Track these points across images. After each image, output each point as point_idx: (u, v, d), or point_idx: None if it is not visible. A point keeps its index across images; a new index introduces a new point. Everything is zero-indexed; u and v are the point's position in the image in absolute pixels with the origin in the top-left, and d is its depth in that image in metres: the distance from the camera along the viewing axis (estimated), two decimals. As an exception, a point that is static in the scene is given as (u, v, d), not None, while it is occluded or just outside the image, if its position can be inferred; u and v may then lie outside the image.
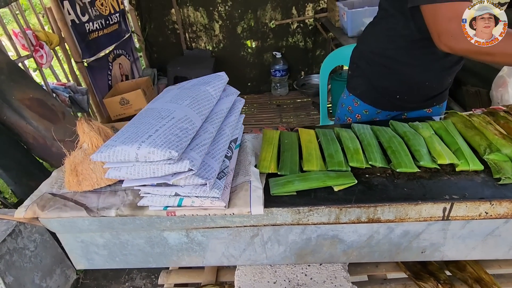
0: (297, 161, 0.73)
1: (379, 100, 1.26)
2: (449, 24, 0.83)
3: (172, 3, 3.39)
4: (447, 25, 0.83)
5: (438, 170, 0.68)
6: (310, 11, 3.52)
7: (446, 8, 0.83)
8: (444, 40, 0.84)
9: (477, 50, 0.80)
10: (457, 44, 0.82)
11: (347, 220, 0.64)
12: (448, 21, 0.83)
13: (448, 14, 0.83)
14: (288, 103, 3.73)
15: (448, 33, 0.83)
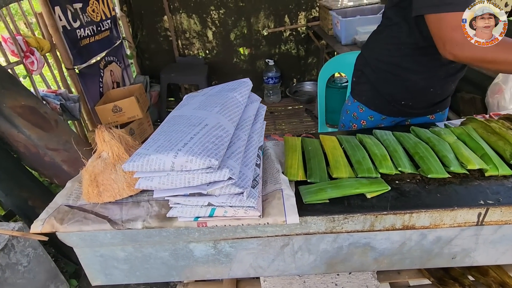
0: (325, 168, 0.72)
1: (384, 106, 1.27)
2: (453, 33, 0.85)
3: (164, 10, 3.36)
4: (452, 33, 0.85)
5: (467, 175, 0.68)
6: (303, 19, 3.57)
7: (451, 17, 0.85)
8: (449, 49, 0.86)
9: (482, 59, 0.83)
10: (462, 53, 0.84)
11: (382, 227, 0.63)
12: (452, 30, 0.85)
13: (452, 23, 0.85)
14: (281, 110, 3.74)
15: (453, 42, 0.85)
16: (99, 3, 2.91)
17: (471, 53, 0.84)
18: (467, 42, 0.84)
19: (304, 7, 3.50)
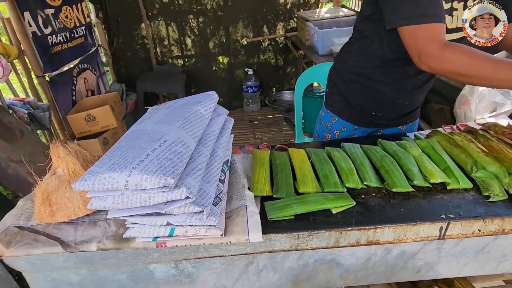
0: (291, 183, 0.71)
1: (356, 116, 1.29)
2: (428, 45, 0.86)
3: (142, 17, 3.31)
4: (427, 45, 0.86)
5: (431, 189, 0.69)
6: (281, 29, 3.62)
7: (425, 30, 0.87)
8: (424, 60, 0.87)
9: (456, 71, 0.84)
10: (437, 64, 0.85)
11: (347, 243, 0.62)
12: (427, 42, 0.87)
13: (427, 36, 0.87)
14: (260, 119, 3.75)
15: (428, 54, 0.86)
16: (73, 9, 2.83)
17: (445, 65, 0.85)
18: (442, 55, 0.85)
19: (282, 17, 3.55)
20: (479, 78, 0.82)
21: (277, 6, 3.47)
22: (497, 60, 0.80)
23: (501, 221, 0.61)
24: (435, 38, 0.86)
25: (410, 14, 0.87)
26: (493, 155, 0.72)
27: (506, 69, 0.80)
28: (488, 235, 0.63)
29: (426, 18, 0.86)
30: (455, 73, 0.85)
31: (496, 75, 0.80)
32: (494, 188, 0.65)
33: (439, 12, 0.87)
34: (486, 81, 0.82)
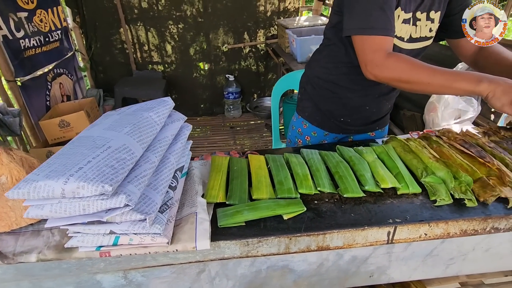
0: (246, 189, 0.71)
1: (325, 122, 1.31)
2: (374, 55, 0.91)
3: (120, 22, 3.28)
4: (372, 55, 0.91)
5: (382, 194, 0.70)
6: (262, 37, 3.65)
7: (372, 41, 0.91)
8: (370, 69, 0.92)
9: (398, 79, 0.89)
10: (381, 73, 0.90)
11: (297, 249, 0.62)
12: (373, 52, 0.91)
13: (373, 46, 0.92)
14: (241, 125, 3.75)
15: (373, 63, 0.91)
16: (48, 13, 2.78)
17: (388, 73, 0.90)
18: (385, 64, 0.90)
19: (263, 25, 3.59)
20: (419, 84, 0.87)
21: (257, 13, 3.51)
22: (434, 67, 0.85)
23: (446, 224, 0.62)
24: (380, 49, 0.91)
25: (361, 25, 0.92)
26: (443, 160, 0.74)
27: (441, 75, 0.84)
28: (435, 239, 0.64)
29: (374, 30, 0.91)
30: (398, 80, 0.90)
31: (433, 80, 0.85)
32: (440, 192, 0.67)
33: (387, 26, 0.92)
34: (425, 86, 0.86)
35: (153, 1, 3.25)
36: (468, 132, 0.88)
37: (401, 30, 1.03)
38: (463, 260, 0.70)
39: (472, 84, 0.80)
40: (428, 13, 1.06)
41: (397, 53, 0.92)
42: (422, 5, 1.04)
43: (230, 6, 3.39)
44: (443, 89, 0.86)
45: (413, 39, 1.08)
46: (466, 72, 0.83)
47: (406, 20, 1.02)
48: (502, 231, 0.65)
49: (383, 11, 0.91)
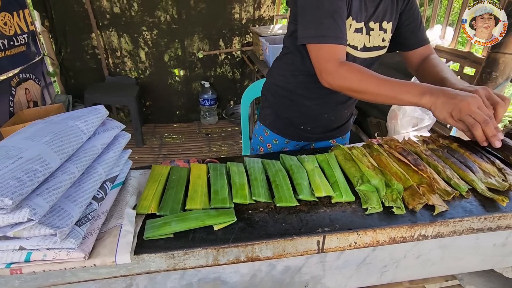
0: (180, 199, 0.69)
1: (286, 130, 1.32)
2: (327, 63, 0.92)
3: (92, 28, 3.22)
4: (325, 64, 0.92)
5: (317, 202, 0.70)
6: (237, 44, 3.67)
7: (326, 49, 0.93)
8: (324, 77, 0.93)
9: (349, 88, 0.91)
10: (334, 81, 0.92)
11: (226, 261, 0.61)
12: (326, 60, 0.93)
13: (326, 55, 0.93)
14: (217, 132, 3.74)
15: (327, 71, 0.92)
16: (13, 16, 2.70)
17: (340, 82, 0.92)
18: (338, 72, 0.91)
19: (238, 32, 3.61)
20: (368, 94, 0.89)
21: (232, 21, 3.53)
22: (383, 78, 0.87)
23: (374, 233, 0.63)
24: (333, 57, 0.93)
25: (313, 33, 0.94)
26: (380, 168, 0.75)
27: (388, 86, 0.86)
28: (365, 247, 0.64)
29: (326, 39, 0.92)
30: (349, 89, 0.91)
31: (380, 91, 0.87)
32: (372, 200, 0.67)
33: (338, 34, 0.94)
34: (373, 96, 0.88)
35: (125, 7, 3.22)
36: (409, 140, 0.90)
37: (353, 39, 1.05)
38: (396, 267, 0.71)
39: (416, 97, 0.81)
40: (381, 23, 1.09)
41: (349, 63, 0.93)
42: (374, 15, 1.07)
43: (204, 13, 3.40)
44: (390, 100, 0.88)
45: (367, 48, 1.11)
46: (412, 84, 0.84)
47: (358, 30, 1.04)
48: (430, 238, 0.66)
49: (334, 19, 0.93)
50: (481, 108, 0.76)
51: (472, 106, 0.75)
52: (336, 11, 0.93)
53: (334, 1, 0.93)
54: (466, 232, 0.66)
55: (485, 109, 0.76)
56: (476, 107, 0.75)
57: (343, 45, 0.94)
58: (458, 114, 0.75)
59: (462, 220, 0.65)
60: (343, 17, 0.96)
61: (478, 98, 0.76)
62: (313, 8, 0.95)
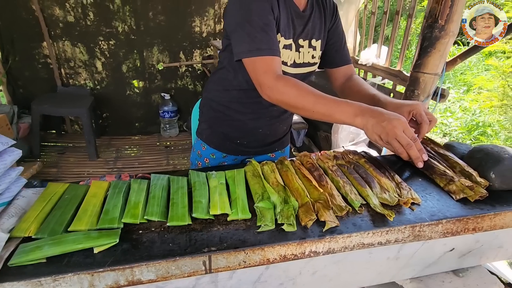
0: (65, 221, 0.65)
1: (222, 144, 1.30)
2: (264, 77, 0.92)
3: (43, 36, 3.10)
4: (263, 77, 0.92)
5: (213, 221, 0.69)
6: (198, 56, 3.66)
7: (262, 62, 0.93)
8: (264, 90, 0.93)
9: (286, 102, 0.91)
10: (272, 95, 0.92)
11: (104, 285, 0.58)
12: (263, 73, 0.93)
13: (263, 67, 0.93)
14: (177, 144, 3.67)
15: (265, 84, 0.92)
16: (-49, 22, 2.54)
17: (278, 96, 0.92)
18: (276, 86, 0.91)
19: (199, 45, 3.61)
20: (304, 110, 0.89)
21: (193, 34, 3.53)
22: (320, 95, 0.87)
23: (263, 251, 0.62)
24: (270, 70, 0.92)
25: (248, 47, 0.93)
26: (283, 185, 0.76)
27: (324, 104, 0.87)
28: (256, 265, 0.63)
29: (262, 51, 0.92)
30: (286, 104, 0.92)
31: (316, 109, 0.87)
32: (266, 218, 0.67)
33: (272, 46, 0.94)
34: (310, 113, 0.88)
35: (80, 16, 3.13)
36: (322, 154, 0.91)
37: (283, 55, 1.06)
38: (293, 284, 0.70)
39: (349, 117, 0.83)
40: (310, 41, 1.12)
41: (287, 77, 0.93)
42: (303, 33, 1.10)
43: (164, 26, 3.38)
44: (326, 118, 0.88)
45: (297, 64, 1.13)
46: (346, 103, 0.85)
47: (287, 46, 1.06)
48: (322, 254, 0.66)
49: (266, 32, 0.93)
50: (406, 130, 0.78)
51: (397, 130, 0.77)
52: (267, 24, 0.94)
53: (264, 16, 0.94)
54: (358, 247, 0.67)
55: (410, 131, 0.79)
56: (401, 130, 0.78)
57: (278, 57, 0.95)
58: (386, 137, 0.78)
59: (351, 235, 0.65)
60: (274, 30, 0.97)
61: (403, 121, 0.79)
62: (244, 24, 0.95)
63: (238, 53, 0.97)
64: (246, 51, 0.94)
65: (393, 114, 0.81)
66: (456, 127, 3.69)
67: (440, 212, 0.71)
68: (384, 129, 0.78)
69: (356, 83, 1.15)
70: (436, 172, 0.82)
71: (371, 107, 0.83)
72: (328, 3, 1.15)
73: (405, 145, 0.78)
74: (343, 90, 1.20)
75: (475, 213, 0.71)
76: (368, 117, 0.81)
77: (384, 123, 0.78)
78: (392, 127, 0.77)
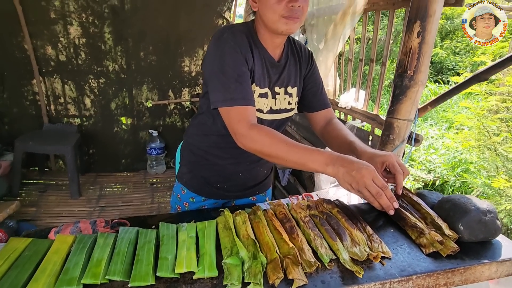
0: (21, 281, 0.62)
1: (202, 188, 1.29)
2: (238, 125, 0.95)
3: (33, 73, 3.14)
4: (237, 126, 0.95)
5: (178, 279, 0.66)
6: (187, 94, 3.74)
7: (236, 111, 0.96)
8: (238, 139, 0.95)
9: (260, 150, 0.93)
10: (246, 144, 0.94)
11: None
12: (237, 122, 0.95)
13: (237, 117, 0.96)
14: (164, 181, 3.62)
15: (239, 133, 0.94)
16: None
17: (252, 145, 0.93)
18: (249, 135, 0.93)
19: (188, 84, 3.70)
20: (278, 158, 0.91)
21: (182, 73, 3.63)
22: (292, 143, 0.89)
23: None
24: (243, 119, 0.95)
25: (222, 97, 0.97)
26: (252, 238, 0.74)
27: (296, 153, 0.88)
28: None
29: (235, 101, 0.96)
30: (260, 152, 0.93)
31: (289, 157, 0.89)
32: (233, 276, 0.65)
33: (245, 96, 0.97)
34: (283, 161, 0.90)
35: (72, 55, 3.21)
36: (298, 204, 0.91)
37: (258, 103, 1.10)
38: None
39: (321, 166, 0.84)
40: (286, 88, 1.16)
41: (260, 125, 0.96)
42: (279, 81, 1.14)
43: (154, 65, 3.47)
44: (299, 166, 0.90)
45: (274, 110, 1.16)
46: (318, 152, 0.86)
47: (262, 95, 1.10)
48: (289, 316, 0.63)
49: (239, 83, 0.97)
50: (375, 179, 0.80)
51: (366, 179, 0.79)
52: (241, 75, 0.98)
53: (237, 67, 0.99)
54: (327, 307, 0.65)
55: (379, 180, 0.80)
56: (371, 179, 0.79)
57: (252, 106, 0.98)
58: (356, 186, 0.80)
59: (319, 295, 0.64)
60: (248, 80, 1.01)
61: (372, 170, 0.80)
62: (219, 75, 0.99)
63: (214, 102, 1.00)
64: (221, 101, 0.98)
65: (362, 163, 0.82)
66: (440, 164, 3.75)
67: (411, 267, 0.71)
68: (354, 178, 0.79)
69: (335, 127, 1.18)
70: (407, 223, 0.82)
71: (342, 156, 0.85)
72: (303, 52, 1.21)
73: (375, 194, 0.79)
74: (323, 134, 1.22)
75: (446, 268, 0.71)
76: (339, 166, 0.82)
77: (353, 172, 0.80)
78: (362, 176, 0.79)
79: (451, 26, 8.41)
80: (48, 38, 3.08)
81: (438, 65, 8.33)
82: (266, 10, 0.98)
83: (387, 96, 5.87)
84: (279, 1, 0.94)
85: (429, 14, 1.15)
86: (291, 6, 0.94)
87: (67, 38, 3.12)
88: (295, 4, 0.94)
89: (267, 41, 1.08)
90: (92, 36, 3.18)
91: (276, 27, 0.99)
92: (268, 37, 1.07)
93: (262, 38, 1.08)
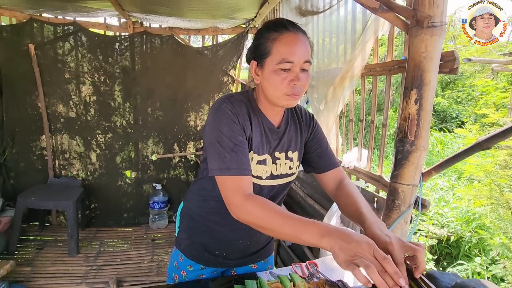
0: None
1: (201, 256, 1.24)
2: (232, 196, 0.93)
3: (43, 130, 3.24)
4: (231, 196, 0.93)
5: None
6: (192, 148, 3.78)
7: (231, 181, 0.94)
8: (232, 209, 0.93)
9: (253, 222, 0.89)
10: (240, 215, 0.91)
11: None
12: (232, 192, 0.93)
13: (232, 186, 0.94)
14: (165, 236, 3.51)
15: (232, 204, 0.92)
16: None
17: (246, 216, 0.91)
18: (243, 206, 0.90)
19: (193, 137, 3.77)
20: (272, 231, 0.87)
21: (188, 127, 3.71)
22: (287, 215, 0.85)
23: None
24: (238, 189, 0.93)
25: (218, 166, 0.97)
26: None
27: (291, 225, 0.84)
28: None
29: (230, 171, 0.95)
30: (254, 224, 0.90)
31: (283, 230, 0.85)
32: None
33: (241, 166, 0.96)
34: (277, 234, 0.85)
35: (82, 112, 3.33)
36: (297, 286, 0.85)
37: (257, 170, 1.08)
38: None
39: (316, 238, 0.79)
40: (286, 153, 1.15)
41: (255, 196, 0.93)
42: (279, 146, 1.13)
43: (161, 120, 3.57)
44: (293, 239, 0.85)
45: (274, 176, 1.14)
46: (313, 224, 0.82)
47: (261, 161, 1.09)
48: None
49: (235, 153, 0.97)
50: (376, 252, 0.73)
51: (366, 252, 0.72)
52: (237, 145, 0.98)
53: (234, 137, 0.99)
54: None
55: (380, 253, 0.73)
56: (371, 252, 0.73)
57: (248, 176, 0.96)
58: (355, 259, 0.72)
59: None
60: (245, 150, 1.00)
61: (372, 244, 0.74)
62: (216, 144, 0.99)
63: (211, 169, 1.00)
64: (217, 169, 0.97)
65: (362, 236, 0.77)
66: (453, 218, 3.59)
67: None
68: (352, 250, 0.73)
69: (345, 192, 1.10)
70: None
71: (339, 229, 0.80)
72: (304, 116, 1.21)
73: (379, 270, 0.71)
74: (335, 198, 1.15)
75: None
76: (336, 238, 0.77)
77: (352, 245, 0.74)
78: (362, 250, 0.73)
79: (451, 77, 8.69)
80: (61, 96, 3.24)
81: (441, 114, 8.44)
82: (269, 86, 1.00)
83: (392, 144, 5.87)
84: (282, 81, 0.97)
85: (425, 83, 1.17)
86: (293, 84, 0.97)
87: (78, 96, 3.28)
88: (298, 83, 0.97)
89: (266, 109, 1.10)
90: (102, 94, 3.33)
91: (277, 102, 1.02)
92: (268, 105, 1.09)
93: (262, 106, 1.10)
